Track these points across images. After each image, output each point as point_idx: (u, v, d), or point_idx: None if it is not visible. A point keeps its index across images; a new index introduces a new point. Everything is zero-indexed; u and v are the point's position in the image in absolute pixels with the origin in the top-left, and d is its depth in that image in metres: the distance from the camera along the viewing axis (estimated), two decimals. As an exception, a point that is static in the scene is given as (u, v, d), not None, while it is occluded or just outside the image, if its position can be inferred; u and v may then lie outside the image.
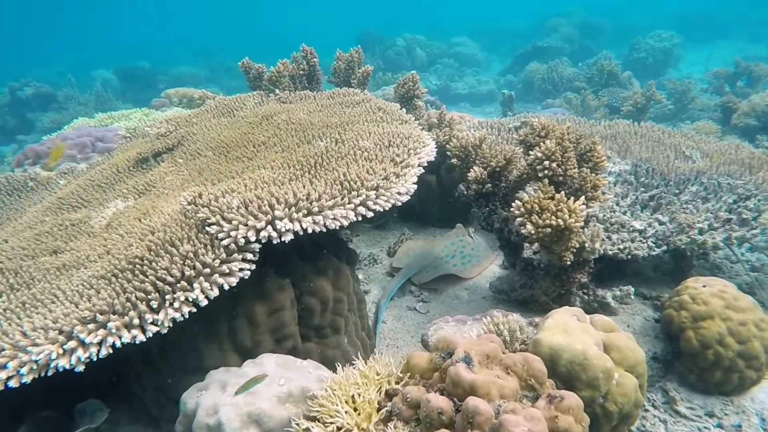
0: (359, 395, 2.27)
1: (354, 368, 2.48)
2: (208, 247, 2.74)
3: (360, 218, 3.00)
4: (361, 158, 3.46)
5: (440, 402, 2.05)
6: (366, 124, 4.20)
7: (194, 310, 2.57)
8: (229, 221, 2.78)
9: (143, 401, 3.05)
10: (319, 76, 5.69)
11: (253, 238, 2.72)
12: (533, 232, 3.22)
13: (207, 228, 2.82)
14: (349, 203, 2.97)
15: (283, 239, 2.76)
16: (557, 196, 3.23)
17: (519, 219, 3.32)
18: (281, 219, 2.76)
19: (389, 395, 2.38)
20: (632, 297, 3.93)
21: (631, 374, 2.71)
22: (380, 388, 2.37)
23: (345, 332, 3.42)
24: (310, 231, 2.81)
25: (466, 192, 4.25)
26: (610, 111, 10.57)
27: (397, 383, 2.41)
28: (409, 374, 2.39)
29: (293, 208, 2.80)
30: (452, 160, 4.28)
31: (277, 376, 2.54)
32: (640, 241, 4.15)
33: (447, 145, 4.50)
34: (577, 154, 3.74)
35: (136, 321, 2.47)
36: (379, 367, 2.45)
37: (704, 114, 9.90)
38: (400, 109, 4.69)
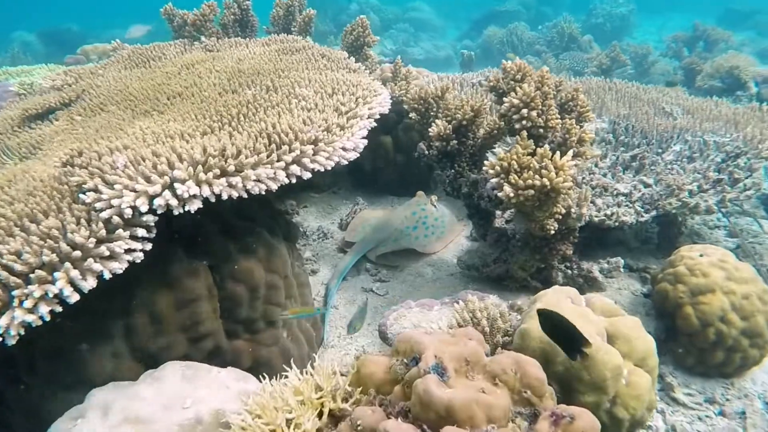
0: (291, 425, 1.60)
1: (287, 382, 1.82)
2: (83, 221, 1.99)
3: (294, 180, 2.31)
4: (297, 108, 2.75)
5: (404, 435, 1.42)
6: (306, 71, 3.47)
7: (59, 309, 1.84)
8: (112, 185, 2.03)
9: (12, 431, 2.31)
10: (254, 23, 4.87)
11: (144, 208, 1.98)
12: (512, 195, 2.60)
13: (82, 196, 2.06)
14: (278, 161, 2.27)
15: (187, 208, 2.04)
16: (540, 150, 2.61)
17: (494, 180, 2.70)
18: (183, 181, 2.03)
19: (335, 418, 1.73)
20: (622, 270, 3.40)
21: (642, 369, 2.16)
22: (322, 409, 1.72)
23: (284, 324, 2.74)
24: (225, 197, 2.10)
25: (427, 152, 3.60)
26: (574, 74, 10.12)
27: (345, 400, 1.76)
28: (360, 388, 1.75)
29: (200, 168, 2.07)
30: (410, 115, 3.61)
31: (181, 395, 1.85)
32: (627, 206, 3.61)
33: (404, 98, 3.82)
34: (557, 104, 3.13)
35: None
36: (320, 379, 1.79)
37: (664, 78, 9.56)
38: (348, 58, 3.98)
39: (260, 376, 2.17)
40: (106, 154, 2.25)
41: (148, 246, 2.06)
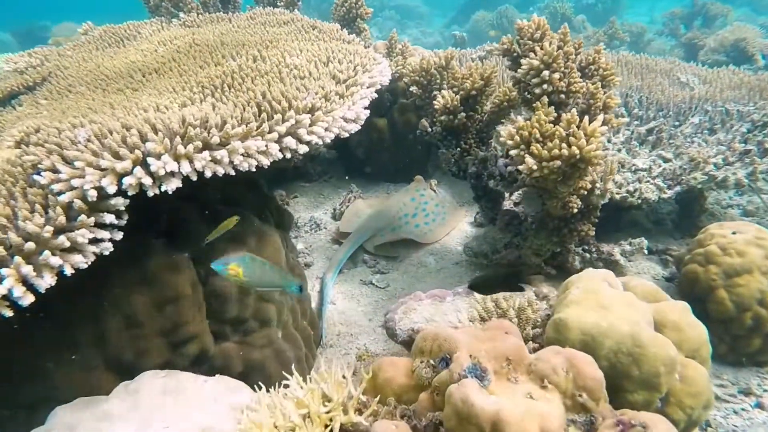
0: (295, 446, 1.30)
1: (288, 392, 1.51)
2: (38, 207, 1.66)
3: (288, 155, 1.99)
4: (290, 76, 2.43)
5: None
6: (296, 42, 3.14)
7: (9, 313, 1.51)
8: (71, 163, 1.70)
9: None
10: (236, -1, 4.52)
11: (112, 189, 1.66)
12: (534, 168, 2.30)
13: (37, 177, 1.73)
14: (269, 132, 1.94)
15: (164, 188, 1.72)
16: (566, 116, 2.31)
17: (513, 152, 2.39)
18: (158, 156, 1.71)
19: (347, 434, 1.43)
20: (645, 252, 3.12)
21: (695, 362, 1.88)
22: (330, 424, 1.41)
23: (279, 323, 2.43)
24: (209, 174, 1.78)
25: (430, 129, 3.30)
26: (567, 56, 9.83)
27: (359, 411, 1.46)
28: (378, 397, 1.44)
29: (179, 140, 1.75)
30: (411, 89, 3.29)
31: (161, 412, 1.53)
32: (647, 181, 3.34)
33: (402, 71, 3.50)
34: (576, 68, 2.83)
35: None
36: (327, 388, 1.49)
37: (661, 57, 9.32)
38: (341, 30, 3.65)
39: (254, 385, 1.87)
40: (67, 129, 1.91)
41: (119, 235, 1.73)
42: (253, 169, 1.89)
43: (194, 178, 1.77)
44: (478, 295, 2.11)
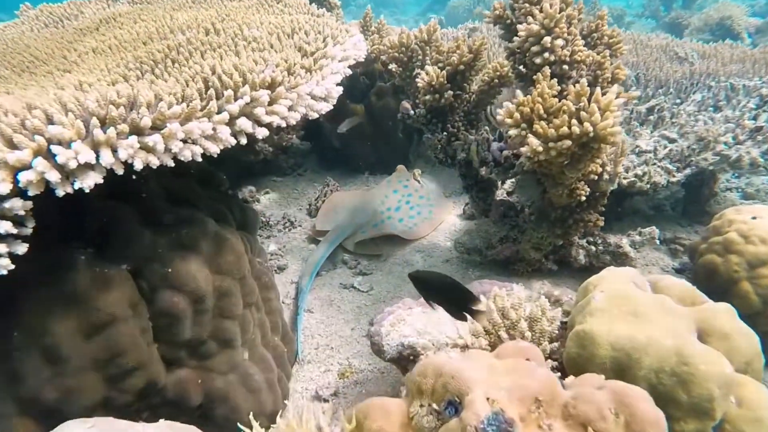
0: None
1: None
2: None
3: (243, 140, 1.60)
4: (247, 50, 2.03)
5: None
6: (258, 15, 2.74)
7: None
8: (-51, 157, 1.28)
9: None
10: (192, -24, 4.06)
11: (5, 188, 1.25)
12: (540, 150, 1.95)
13: None
14: (218, 112, 1.55)
15: (79, 186, 1.32)
16: (574, 88, 1.97)
17: (513, 131, 2.04)
18: (68, 142, 1.31)
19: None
20: (657, 241, 2.81)
21: (749, 377, 1.55)
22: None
23: (244, 342, 2.04)
24: (138, 166, 1.38)
25: (413, 111, 2.93)
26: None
27: (340, 473, 1.09)
28: (366, 456, 1.08)
29: (96, 122, 1.35)
30: (390, 67, 2.92)
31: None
32: (654, 164, 3.02)
33: (380, 47, 3.12)
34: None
35: None
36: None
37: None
38: (310, 4, 3.25)
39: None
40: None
41: (21, 248, 1.33)
42: (199, 159, 1.50)
43: (120, 171, 1.38)
44: (481, 303, 1.75)
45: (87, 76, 1.94)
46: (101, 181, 1.36)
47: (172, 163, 1.45)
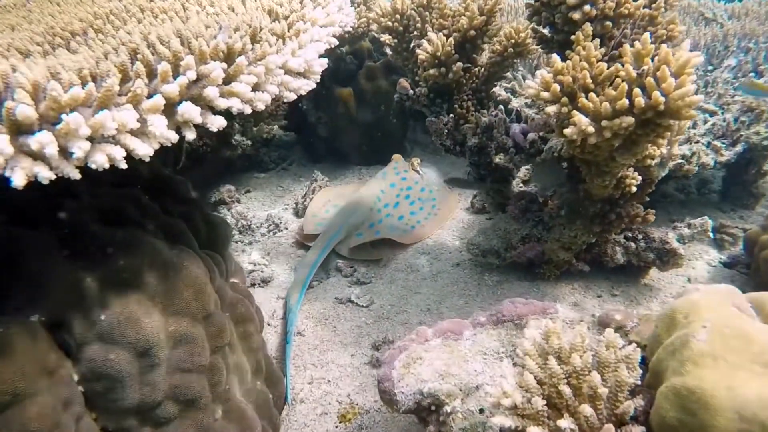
0: None
1: None
2: None
3: (189, 135, 1.12)
4: (201, 15, 1.54)
5: None
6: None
7: None
8: None
9: None
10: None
11: None
12: (591, 131, 1.48)
13: None
14: (149, 96, 1.07)
15: None
16: (632, 49, 1.50)
17: (552, 108, 1.57)
18: None
19: None
20: (711, 234, 2.36)
21: None
22: None
23: (216, 398, 1.57)
24: (20, 185, 0.90)
25: (412, 91, 2.45)
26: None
27: None
28: None
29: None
30: (383, 38, 2.44)
31: None
32: (697, 141, 2.57)
33: (368, 14, 2.63)
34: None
35: None
36: None
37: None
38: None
39: None
40: None
41: None
42: (122, 165, 1.02)
43: (21, 185, 0.90)
44: (527, 344, 1.29)
45: (-18, 56, 1.44)
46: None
47: (76, 175, 0.96)
